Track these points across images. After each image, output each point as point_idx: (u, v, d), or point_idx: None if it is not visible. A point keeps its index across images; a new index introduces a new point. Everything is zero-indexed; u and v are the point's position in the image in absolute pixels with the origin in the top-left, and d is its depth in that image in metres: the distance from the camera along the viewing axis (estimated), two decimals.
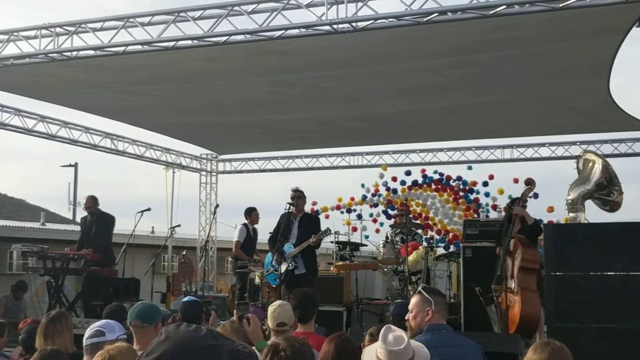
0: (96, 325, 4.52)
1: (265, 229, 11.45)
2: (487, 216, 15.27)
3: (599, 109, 11.90)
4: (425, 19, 7.58)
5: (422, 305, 4.49)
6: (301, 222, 9.93)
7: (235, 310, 5.15)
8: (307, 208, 11.55)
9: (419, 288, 4.78)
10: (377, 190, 16.82)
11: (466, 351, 4.30)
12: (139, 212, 11.51)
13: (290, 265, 9.60)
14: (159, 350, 1.83)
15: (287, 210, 9.84)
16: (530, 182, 9.14)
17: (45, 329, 5.27)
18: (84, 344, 4.40)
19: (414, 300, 4.67)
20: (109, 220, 11.54)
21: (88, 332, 4.45)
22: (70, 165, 33.12)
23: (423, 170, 16.59)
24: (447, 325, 4.51)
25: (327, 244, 13.00)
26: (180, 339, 1.85)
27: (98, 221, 11.40)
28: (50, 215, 30.44)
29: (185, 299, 6.23)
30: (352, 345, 3.97)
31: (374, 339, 4.43)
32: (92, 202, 11.57)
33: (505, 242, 8.70)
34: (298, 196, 9.93)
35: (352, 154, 17.21)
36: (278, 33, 8.16)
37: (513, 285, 8.52)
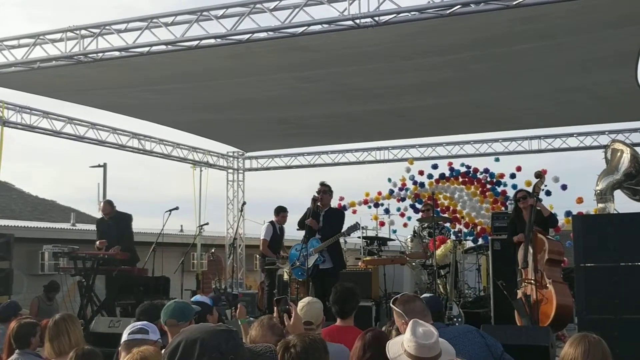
0: (139, 323, 4.53)
1: (292, 225, 11.46)
2: None
3: (627, 98, 11.77)
4: (448, 12, 7.54)
5: (398, 319, 4.39)
6: (326, 216, 9.98)
7: (275, 308, 5.10)
8: (335, 203, 11.56)
9: (390, 303, 4.60)
10: (404, 185, 16.76)
11: (459, 342, 4.23)
12: (167, 211, 11.57)
13: (318, 259, 9.65)
14: (176, 340, 2.05)
15: (313, 204, 9.88)
16: (540, 175, 9.07)
17: (48, 332, 5.31)
18: (124, 339, 4.37)
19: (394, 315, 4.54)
20: (127, 218, 11.67)
21: (130, 329, 4.43)
22: (99, 166, 33.38)
23: (450, 164, 16.50)
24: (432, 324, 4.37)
25: (355, 239, 12.99)
26: (195, 328, 2.10)
27: (117, 222, 11.53)
28: (81, 215, 30.73)
29: (193, 298, 6.21)
30: (383, 343, 3.93)
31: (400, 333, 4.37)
32: (109, 208, 11.71)
33: (527, 235, 8.66)
34: (324, 191, 9.99)
35: (378, 149, 17.17)
36: (301, 29, 8.18)
37: (539, 277, 8.47)
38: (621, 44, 9.28)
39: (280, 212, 12.40)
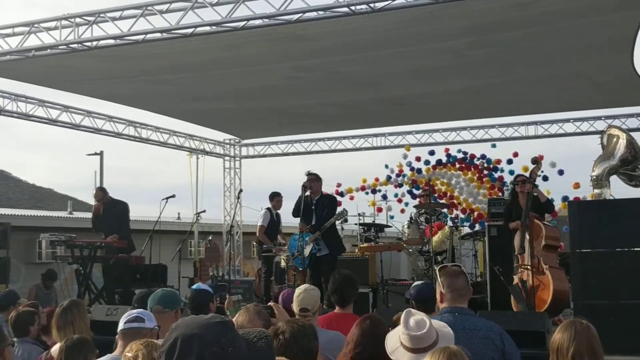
0: (134, 311, 4.51)
1: (289, 212, 11.50)
2: None
3: (623, 84, 11.75)
4: None
5: (438, 288, 4.43)
6: (318, 204, 9.99)
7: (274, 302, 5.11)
8: (332, 190, 11.56)
9: (437, 268, 4.67)
10: (401, 171, 16.78)
11: (473, 335, 4.11)
12: (164, 199, 11.58)
13: (313, 249, 9.69)
14: (172, 337, 1.94)
15: (303, 191, 9.90)
16: (537, 161, 9.11)
17: (57, 320, 5.27)
18: (120, 328, 4.35)
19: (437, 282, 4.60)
20: (122, 207, 11.67)
21: (126, 317, 4.40)
22: (96, 154, 33.32)
23: (447, 150, 16.52)
24: (462, 309, 4.30)
25: (352, 225, 13.00)
26: (188, 322, 1.98)
27: (112, 209, 11.55)
28: (78, 203, 30.66)
29: (194, 286, 6.23)
30: (379, 330, 3.93)
31: None
32: (101, 194, 11.70)
33: (523, 221, 8.69)
34: (311, 179, 9.97)
35: (375, 135, 17.15)
36: (296, 16, 8.13)
37: (536, 263, 8.51)
38: (617, 29, 9.25)
39: (275, 197, 12.42)
